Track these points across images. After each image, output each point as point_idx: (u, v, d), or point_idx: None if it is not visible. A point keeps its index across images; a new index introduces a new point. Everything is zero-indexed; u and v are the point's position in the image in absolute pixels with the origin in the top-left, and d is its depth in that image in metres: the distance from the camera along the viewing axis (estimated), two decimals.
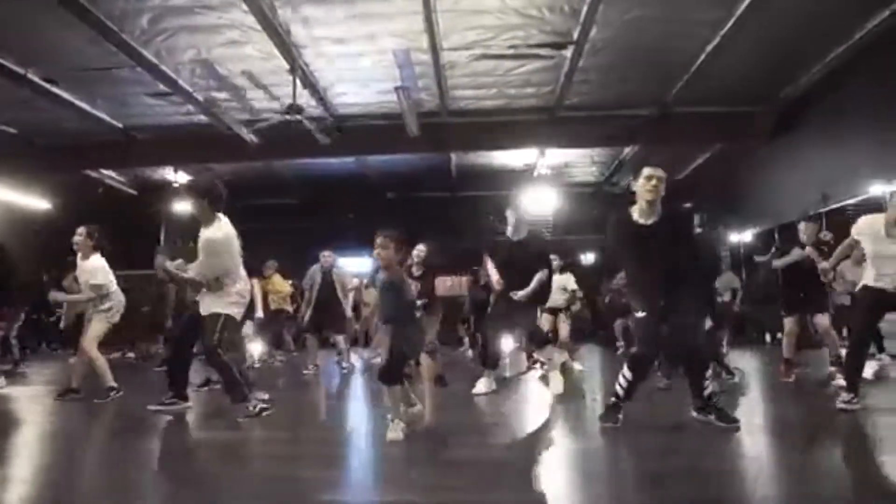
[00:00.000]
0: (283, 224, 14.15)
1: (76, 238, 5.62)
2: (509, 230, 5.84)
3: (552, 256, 6.37)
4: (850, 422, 4.19)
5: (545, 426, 4.44)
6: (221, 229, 4.57)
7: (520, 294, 5.55)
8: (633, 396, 4.10)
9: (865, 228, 4.56)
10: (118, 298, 5.76)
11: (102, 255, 5.70)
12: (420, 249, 6.55)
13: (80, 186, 12.77)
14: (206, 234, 4.55)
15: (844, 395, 4.42)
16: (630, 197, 4.09)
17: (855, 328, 4.83)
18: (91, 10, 6.71)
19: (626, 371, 4.08)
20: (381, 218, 14.85)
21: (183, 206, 14.21)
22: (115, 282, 5.76)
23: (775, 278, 6.59)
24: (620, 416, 4.02)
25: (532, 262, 5.68)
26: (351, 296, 8.90)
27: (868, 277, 4.55)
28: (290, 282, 10.04)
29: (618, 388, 4.08)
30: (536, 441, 3.97)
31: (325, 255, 8.44)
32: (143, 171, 13.28)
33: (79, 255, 5.66)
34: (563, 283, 8.28)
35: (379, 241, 3.91)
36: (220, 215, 4.64)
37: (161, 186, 13.63)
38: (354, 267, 10.92)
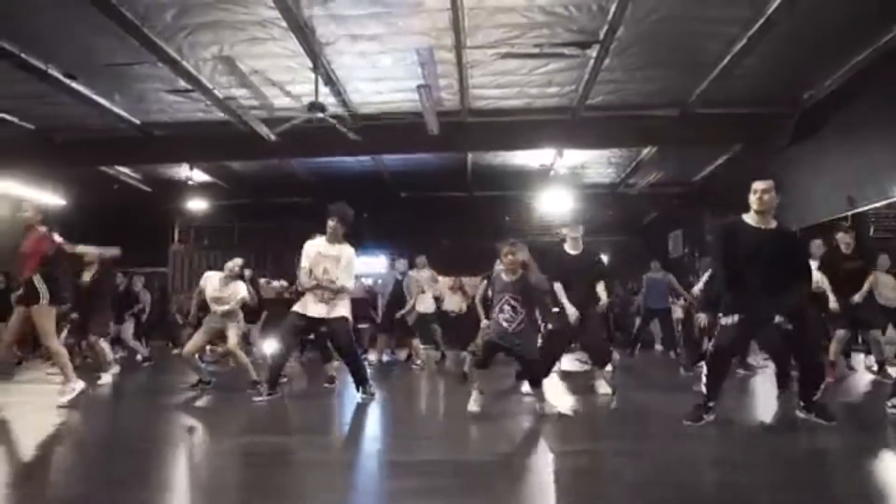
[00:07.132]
0: (297, 222, 14.08)
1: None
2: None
3: None
4: None
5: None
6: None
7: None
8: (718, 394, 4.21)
9: None
10: None
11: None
12: None
13: (95, 183, 12.76)
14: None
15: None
16: None
17: None
18: (115, 4, 6.68)
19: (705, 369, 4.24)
20: (395, 217, 14.78)
21: (196, 204, 14.24)
22: None
23: None
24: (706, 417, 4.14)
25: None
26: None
27: None
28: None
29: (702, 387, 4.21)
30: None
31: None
32: (157, 169, 13.24)
33: None
34: None
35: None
36: None
37: (175, 184, 13.63)
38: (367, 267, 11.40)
